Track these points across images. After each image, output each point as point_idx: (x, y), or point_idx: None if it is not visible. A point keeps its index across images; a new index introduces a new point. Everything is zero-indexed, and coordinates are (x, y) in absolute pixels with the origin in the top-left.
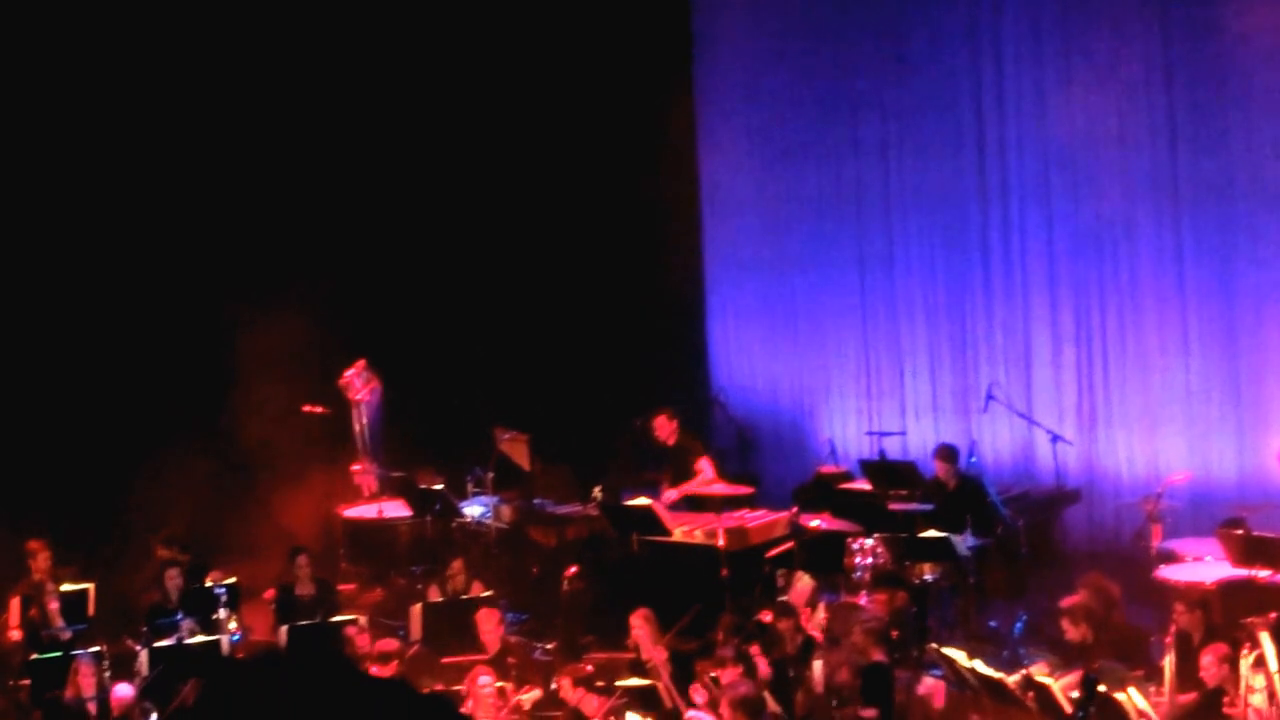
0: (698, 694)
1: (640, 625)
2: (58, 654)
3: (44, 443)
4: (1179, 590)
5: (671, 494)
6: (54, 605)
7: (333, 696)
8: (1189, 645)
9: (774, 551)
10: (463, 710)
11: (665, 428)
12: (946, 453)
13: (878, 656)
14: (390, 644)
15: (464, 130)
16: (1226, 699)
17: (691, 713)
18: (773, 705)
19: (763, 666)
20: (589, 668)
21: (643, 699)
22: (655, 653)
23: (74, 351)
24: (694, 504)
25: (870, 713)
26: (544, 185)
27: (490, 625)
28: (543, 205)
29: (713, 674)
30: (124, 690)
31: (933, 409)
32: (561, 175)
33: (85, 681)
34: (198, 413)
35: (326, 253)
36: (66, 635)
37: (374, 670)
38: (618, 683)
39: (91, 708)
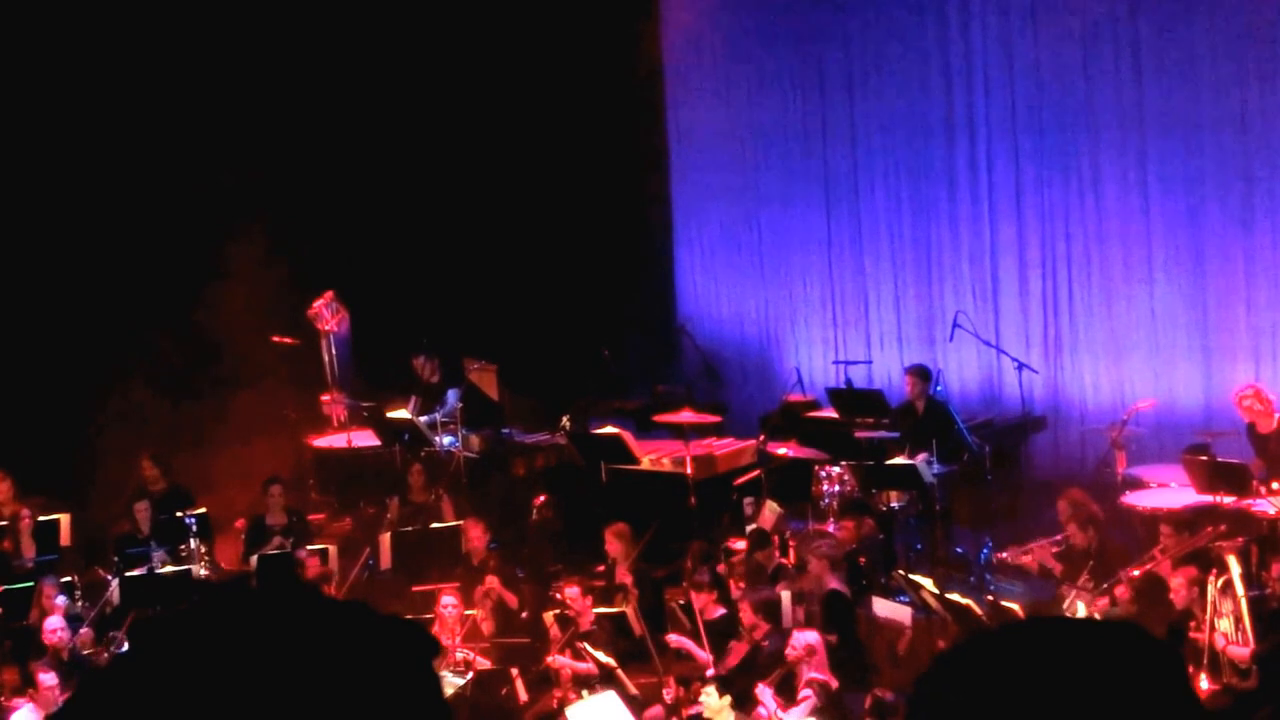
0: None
1: (614, 540)
2: (28, 584)
3: (8, 376)
4: (1164, 513)
5: None
6: (27, 533)
7: (295, 619)
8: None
9: (742, 480)
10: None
11: (426, 367)
12: (921, 370)
13: (834, 584)
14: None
15: (432, 63)
16: (1192, 623)
17: (672, 636)
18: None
19: (735, 593)
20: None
21: (614, 625)
22: (627, 575)
23: (35, 283)
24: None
25: (830, 638)
26: (512, 117)
27: (477, 533)
28: (511, 137)
29: (680, 601)
30: (55, 622)
31: (899, 338)
32: (529, 107)
33: (50, 604)
34: (165, 343)
35: (294, 183)
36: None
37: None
38: (594, 610)
39: (60, 635)
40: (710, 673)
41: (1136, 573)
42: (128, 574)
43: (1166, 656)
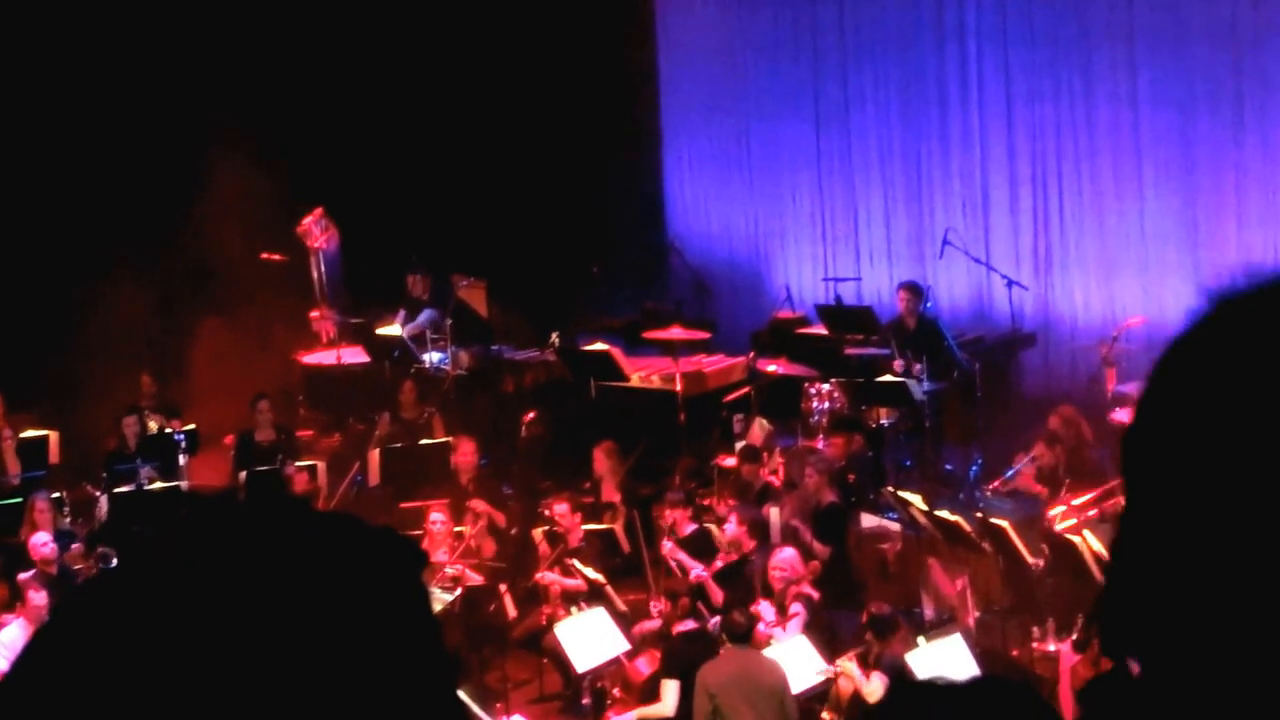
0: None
1: (603, 458)
2: (16, 500)
3: None
4: None
5: None
6: (10, 452)
7: (284, 532)
8: None
9: (731, 396)
10: None
11: (417, 284)
12: (913, 286)
13: (830, 498)
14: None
15: None
16: None
17: (666, 543)
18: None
19: (722, 509)
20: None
21: (603, 542)
22: (615, 493)
23: (21, 199)
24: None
25: (823, 550)
26: (500, 31)
27: (467, 450)
28: (499, 51)
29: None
30: (43, 538)
31: (888, 255)
32: (518, 22)
33: (42, 518)
34: (153, 259)
35: (283, 99)
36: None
37: None
38: (583, 526)
39: (49, 550)
40: (700, 573)
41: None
42: (116, 490)
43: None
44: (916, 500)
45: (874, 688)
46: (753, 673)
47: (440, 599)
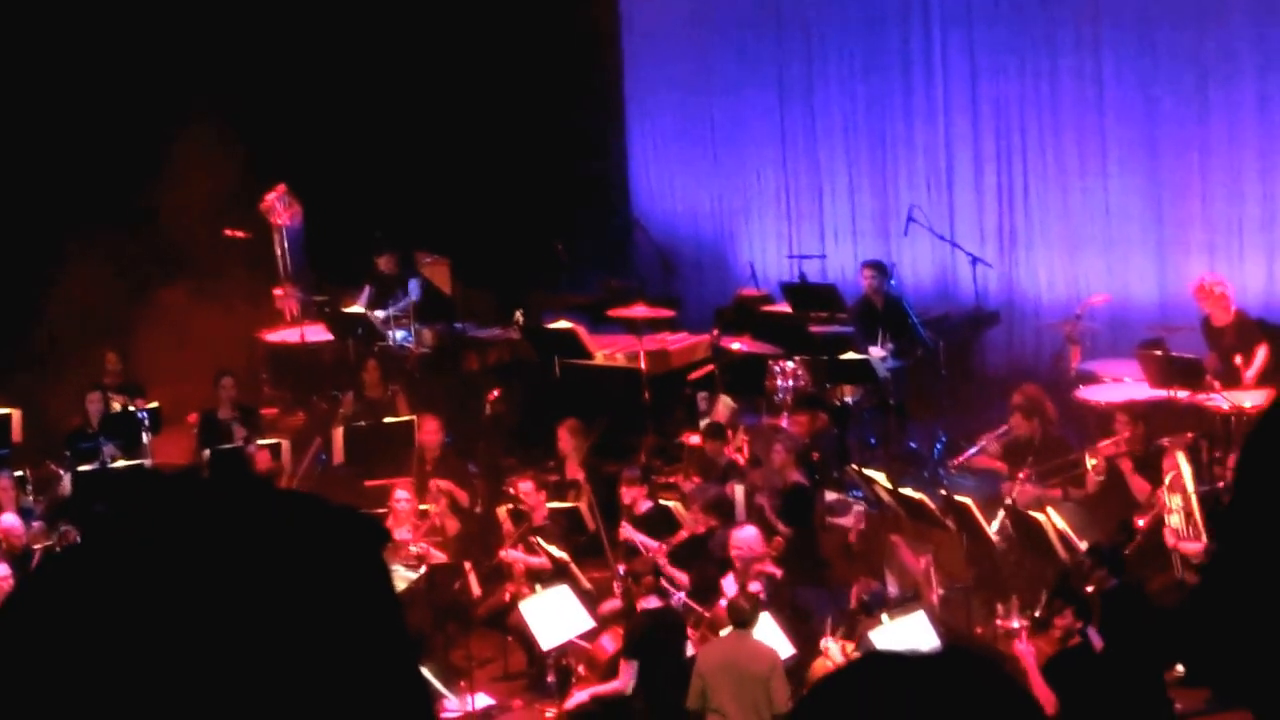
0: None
1: (567, 436)
2: None
3: None
4: (1121, 404)
5: None
6: None
7: (244, 511)
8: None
9: (695, 374)
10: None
11: (388, 263)
12: (877, 265)
13: (797, 477)
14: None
15: None
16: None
17: (625, 526)
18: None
19: (688, 487)
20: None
21: (567, 520)
22: (579, 471)
23: None
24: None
25: (787, 530)
26: (464, 9)
27: (431, 428)
28: (462, 27)
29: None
30: (9, 519)
31: (853, 232)
32: (481, 1)
33: (4, 496)
34: (116, 236)
35: (247, 74)
36: None
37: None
38: (547, 504)
39: (17, 529)
40: (658, 547)
41: (1094, 461)
42: (80, 468)
43: (1006, 686)
44: (881, 478)
45: None
46: (740, 659)
47: (405, 577)
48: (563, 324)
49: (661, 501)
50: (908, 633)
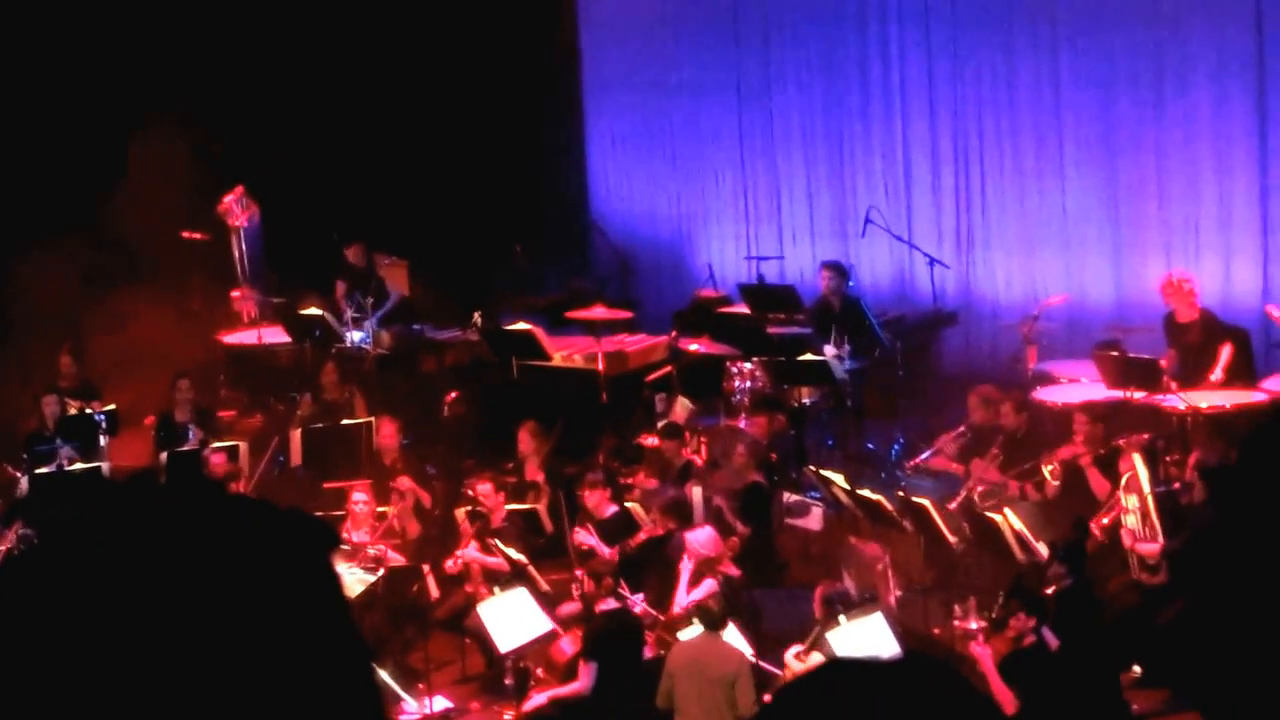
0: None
1: (526, 438)
2: None
3: None
4: (1080, 404)
5: None
6: None
7: (193, 516)
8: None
9: (653, 376)
10: (341, 530)
11: (356, 254)
12: (836, 266)
13: (756, 477)
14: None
15: None
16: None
17: (578, 531)
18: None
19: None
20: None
21: (525, 522)
22: (538, 473)
23: None
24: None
25: (744, 531)
26: (423, 9)
27: (389, 431)
28: (419, 28)
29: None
30: None
31: (811, 234)
32: (440, 1)
33: None
34: (72, 238)
35: (204, 76)
36: None
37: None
38: (506, 506)
39: None
40: (607, 555)
41: (1050, 467)
42: (37, 471)
43: (965, 692)
44: (839, 479)
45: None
46: (705, 660)
47: (362, 579)
48: (521, 325)
49: (626, 504)
50: (866, 634)
